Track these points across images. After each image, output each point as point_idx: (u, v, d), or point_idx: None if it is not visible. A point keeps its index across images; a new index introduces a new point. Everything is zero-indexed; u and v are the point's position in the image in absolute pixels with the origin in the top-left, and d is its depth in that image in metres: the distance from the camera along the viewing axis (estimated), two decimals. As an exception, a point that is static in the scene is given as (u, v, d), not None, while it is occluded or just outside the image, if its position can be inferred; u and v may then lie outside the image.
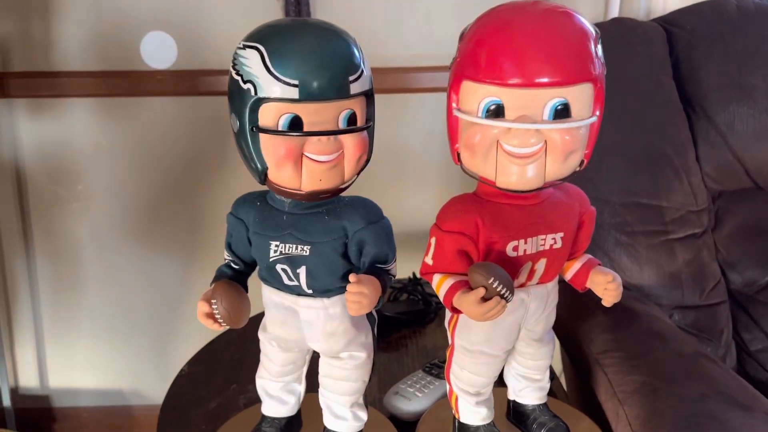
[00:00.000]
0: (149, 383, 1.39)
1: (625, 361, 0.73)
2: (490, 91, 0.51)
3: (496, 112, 0.51)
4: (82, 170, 1.25)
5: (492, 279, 0.51)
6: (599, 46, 0.53)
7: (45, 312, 1.34)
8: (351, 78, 0.51)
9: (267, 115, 0.51)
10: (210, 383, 0.79)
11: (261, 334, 0.62)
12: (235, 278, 0.59)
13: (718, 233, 1.00)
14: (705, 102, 0.99)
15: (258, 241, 0.57)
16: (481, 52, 0.51)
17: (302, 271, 0.56)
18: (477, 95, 0.52)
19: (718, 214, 1.01)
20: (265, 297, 0.60)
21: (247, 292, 0.58)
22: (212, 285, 0.57)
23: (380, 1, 1.18)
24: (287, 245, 0.56)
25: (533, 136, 0.51)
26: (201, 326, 0.57)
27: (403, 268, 0.66)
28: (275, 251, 0.56)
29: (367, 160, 0.56)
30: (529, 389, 0.67)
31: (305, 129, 0.51)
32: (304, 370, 0.64)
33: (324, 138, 0.51)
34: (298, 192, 0.53)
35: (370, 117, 0.56)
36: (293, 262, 0.56)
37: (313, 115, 0.51)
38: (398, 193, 1.27)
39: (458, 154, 0.56)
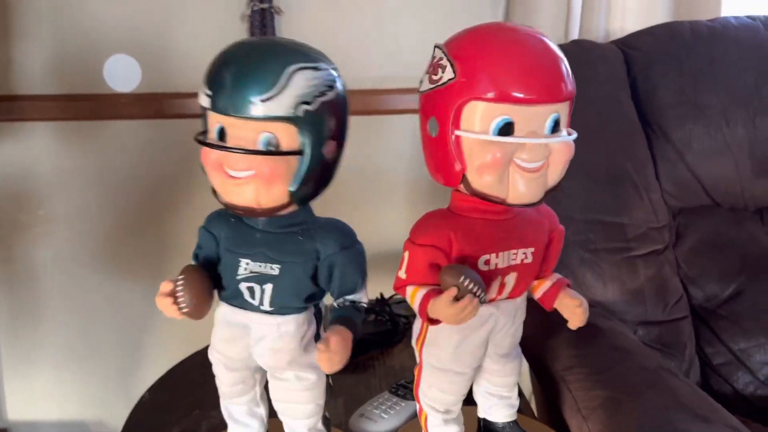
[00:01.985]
0: (113, 413, 1.34)
1: (588, 377, 0.73)
2: (502, 110, 0.52)
3: (506, 130, 0.53)
4: (43, 195, 1.22)
5: (462, 278, 0.52)
6: None
7: (3, 341, 1.29)
8: (258, 98, 0.50)
9: (209, 123, 0.54)
10: (172, 409, 0.77)
11: (210, 355, 0.61)
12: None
13: (679, 249, 1.02)
14: (662, 121, 1.01)
15: (228, 258, 0.57)
16: (491, 72, 0.52)
17: (268, 289, 0.56)
18: (487, 114, 0.52)
19: (679, 231, 1.03)
20: (218, 314, 0.60)
21: (213, 287, 0.58)
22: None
23: (347, 23, 1.19)
24: (257, 263, 0.56)
25: (543, 149, 0.54)
26: (167, 352, 0.57)
27: (372, 289, 0.65)
28: (244, 269, 0.56)
29: (309, 194, 0.55)
30: (498, 406, 0.67)
31: (228, 142, 0.52)
32: (258, 390, 0.63)
33: (240, 156, 0.51)
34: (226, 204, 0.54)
35: (306, 149, 0.52)
36: (260, 279, 0.56)
37: (233, 129, 0.52)
38: (367, 214, 1.26)
39: (463, 176, 0.55)
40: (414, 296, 0.56)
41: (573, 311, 0.62)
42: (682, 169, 1.01)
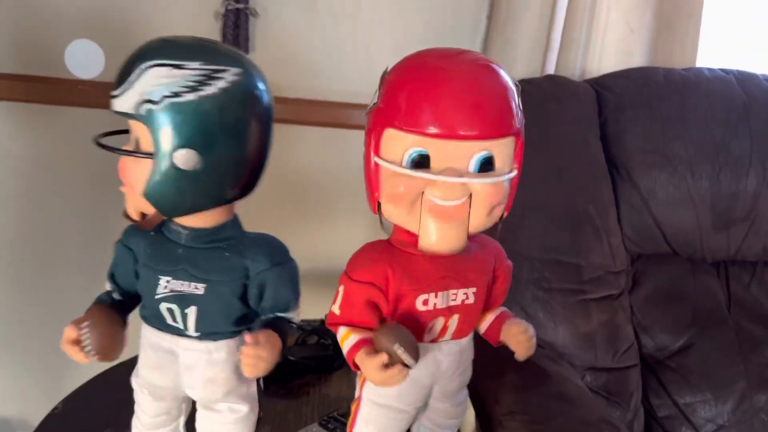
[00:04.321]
0: (38, 412, 1.27)
1: (527, 426, 0.70)
2: (415, 141, 0.49)
3: (421, 162, 0.49)
4: (-11, 176, 1.16)
5: (397, 345, 0.49)
6: (519, 100, 0.52)
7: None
8: (113, 92, 0.49)
9: None
10: (83, 425, 0.72)
11: (133, 380, 0.57)
12: (114, 308, 0.54)
13: (634, 296, 1.01)
14: (629, 165, 1.00)
15: (146, 275, 0.53)
16: (407, 101, 0.49)
17: (191, 312, 0.52)
18: (401, 145, 0.50)
19: (636, 277, 1.02)
20: (143, 337, 0.55)
21: (125, 325, 0.53)
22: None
23: (322, 32, 1.16)
24: (179, 282, 0.52)
25: (459, 188, 0.50)
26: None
27: (319, 309, 0.62)
28: (164, 287, 0.52)
29: (158, 204, 0.51)
30: None
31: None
32: (181, 421, 0.59)
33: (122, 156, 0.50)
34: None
35: (156, 150, 0.49)
36: (183, 300, 0.52)
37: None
38: (326, 230, 1.23)
39: (378, 204, 0.53)
40: (344, 341, 0.54)
41: (518, 339, 0.59)
42: (645, 215, 1.00)
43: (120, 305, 0.54)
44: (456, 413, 0.63)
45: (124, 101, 0.47)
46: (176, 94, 0.47)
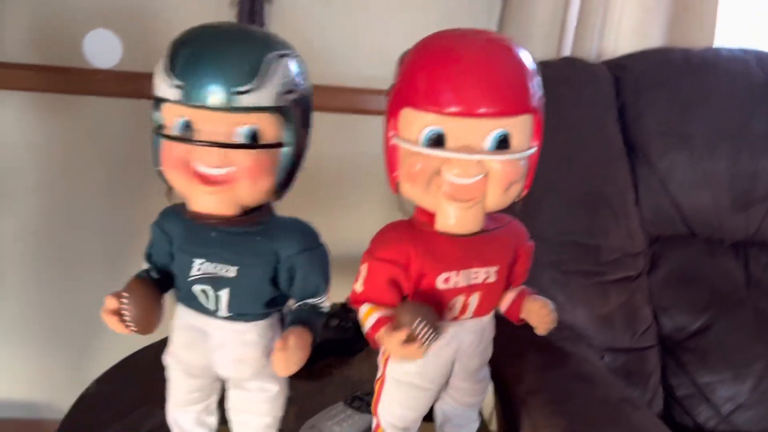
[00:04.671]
0: (65, 396, 1.29)
1: (549, 404, 0.71)
2: (431, 120, 0.49)
3: (438, 141, 0.50)
4: (8, 167, 1.18)
5: (418, 323, 0.50)
6: (538, 78, 0.52)
7: (-44, 314, 1.25)
8: (238, 89, 0.47)
9: (165, 116, 0.50)
10: (116, 404, 0.74)
11: (167, 358, 0.58)
12: (152, 283, 0.55)
13: (652, 277, 1.01)
14: (647, 147, 1.00)
15: (181, 258, 0.54)
16: (423, 80, 0.50)
17: (224, 294, 0.53)
18: (417, 123, 0.50)
19: (654, 259, 1.02)
20: (177, 317, 0.56)
21: (162, 301, 0.54)
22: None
23: (337, 20, 1.16)
24: (212, 264, 0.53)
25: (475, 166, 0.50)
26: (124, 338, 0.53)
27: (339, 292, 0.63)
28: (198, 270, 0.53)
29: (281, 187, 0.52)
30: (457, 428, 0.66)
31: (195, 137, 0.48)
32: (214, 399, 0.60)
33: (214, 150, 0.48)
34: (196, 213, 0.50)
35: (289, 139, 0.51)
36: (216, 283, 0.53)
37: (204, 123, 0.48)
38: (342, 215, 1.24)
39: (397, 183, 0.54)
40: (367, 317, 0.54)
41: (539, 314, 0.59)
42: (663, 197, 1.00)
43: (157, 283, 0.55)
44: (478, 391, 0.64)
45: (262, 96, 0.48)
46: (302, 82, 0.51)
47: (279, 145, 0.50)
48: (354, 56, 1.17)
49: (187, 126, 0.49)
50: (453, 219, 0.51)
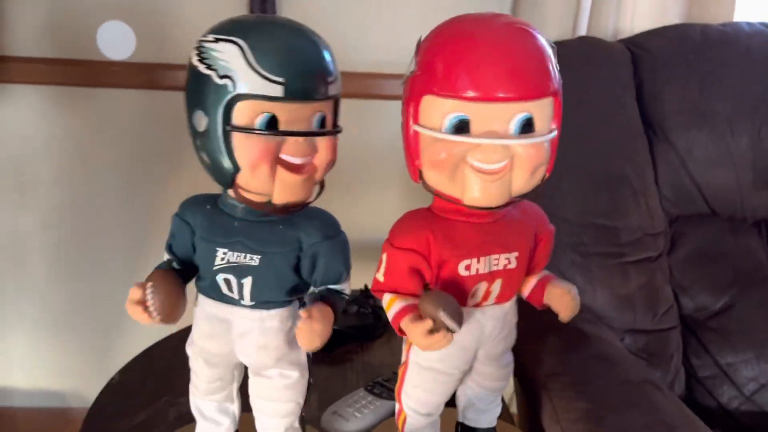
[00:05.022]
0: (91, 385, 1.32)
1: (570, 387, 0.71)
2: (455, 106, 0.49)
3: (461, 127, 0.49)
4: (28, 160, 1.19)
5: (441, 312, 0.50)
6: (555, 60, 0.52)
7: (-20, 307, 1.28)
8: (329, 79, 0.50)
9: (243, 114, 0.48)
10: (140, 394, 0.75)
11: (188, 349, 0.59)
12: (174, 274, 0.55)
13: (673, 257, 1.00)
14: (666, 125, 0.99)
15: (204, 247, 0.54)
16: (445, 67, 0.49)
17: (247, 282, 0.53)
18: (441, 110, 0.50)
19: (674, 238, 1.01)
20: (199, 307, 0.57)
21: (185, 291, 0.55)
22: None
23: (347, 5, 1.15)
24: (235, 254, 0.53)
25: (500, 151, 0.50)
26: (147, 327, 0.54)
27: (357, 279, 0.63)
28: (221, 259, 0.53)
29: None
30: (479, 412, 0.66)
31: (282, 128, 0.49)
32: (235, 387, 0.61)
33: (301, 139, 0.49)
34: (266, 203, 0.51)
35: (336, 122, 0.54)
36: (239, 272, 0.53)
37: (290, 115, 0.49)
38: (357, 201, 1.24)
39: (419, 172, 0.53)
40: (390, 307, 0.54)
41: (562, 300, 0.59)
42: (683, 175, 0.99)
43: (179, 273, 0.55)
44: (502, 375, 0.64)
45: (337, 86, 0.52)
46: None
47: (337, 130, 0.53)
48: (366, 41, 1.17)
49: (273, 120, 0.49)
50: (479, 192, 0.51)
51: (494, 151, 0.49)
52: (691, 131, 0.98)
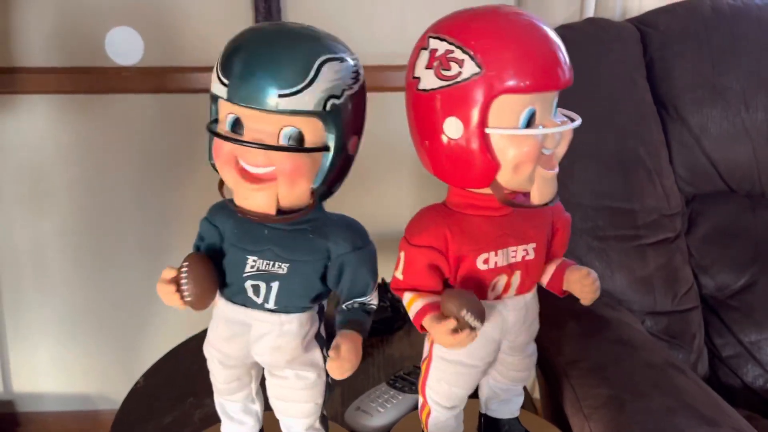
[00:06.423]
0: (117, 387, 1.35)
1: (592, 373, 0.71)
2: (529, 101, 0.49)
3: (530, 120, 0.50)
4: (44, 168, 1.21)
5: (464, 311, 0.50)
6: None
7: (7, 314, 1.30)
8: (284, 91, 0.46)
9: (220, 112, 0.50)
10: (165, 396, 0.76)
11: (205, 351, 0.59)
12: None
13: (691, 237, 0.99)
14: (678, 103, 0.97)
15: (234, 254, 0.54)
16: (520, 62, 0.48)
17: (274, 287, 0.54)
18: (517, 107, 0.49)
19: (692, 217, 1.00)
20: (218, 310, 0.57)
21: (217, 278, 0.55)
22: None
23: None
24: (265, 261, 0.53)
25: (557, 137, 0.51)
26: (170, 328, 0.54)
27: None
28: (252, 266, 0.53)
29: (326, 191, 0.53)
30: (503, 402, 0.66)
31: (244, 135, 0.49)
32: (254, 386, 0.61)
33: (254, 149, 0.48)
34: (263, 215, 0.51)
35: (327, 144, 0.50)
36: (267, 278, 0.53)
37: (251, 121, 0.48)
38: (371, 194, 1.24)
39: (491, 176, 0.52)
40: (411, 305, 0.54)
41: (582, 284, 0.58)
42: (698, 154, 0.97)
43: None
44: (527, 365, 0.64)
45: (305, 100, 0.47)
46: (349, 87, 0.49)
47: (322, 149, 0.49)
48: (373, 34, 1.16)
49: (237, 123, 0.49)
50: (547, 189, 0.52)
51: (554, 138, 0.51)
52: (704, 108, 0.96)
